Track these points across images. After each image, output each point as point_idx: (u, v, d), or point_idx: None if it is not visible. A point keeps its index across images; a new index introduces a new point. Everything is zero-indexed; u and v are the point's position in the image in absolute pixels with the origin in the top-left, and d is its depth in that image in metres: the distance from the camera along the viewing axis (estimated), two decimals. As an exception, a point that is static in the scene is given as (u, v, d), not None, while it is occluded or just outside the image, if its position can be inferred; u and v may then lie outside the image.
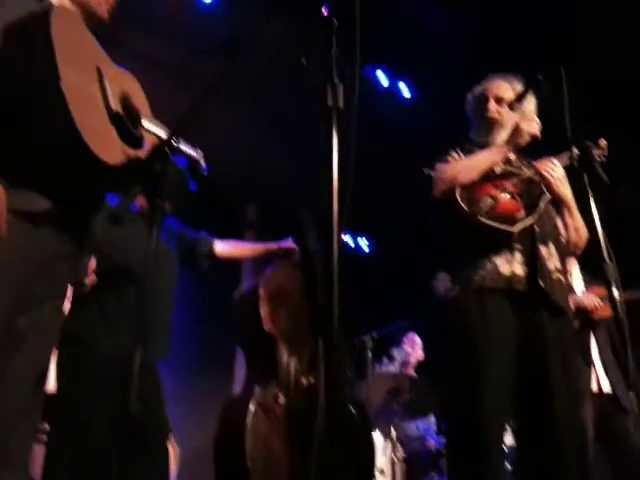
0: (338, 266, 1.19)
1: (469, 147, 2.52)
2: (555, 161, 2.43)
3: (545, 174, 2.39)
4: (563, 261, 2.37)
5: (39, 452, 3.62)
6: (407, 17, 4.10)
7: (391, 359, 5.05)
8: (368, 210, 4.76)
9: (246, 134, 4.83)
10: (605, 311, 3.57)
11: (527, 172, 2.43)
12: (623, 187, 4.22)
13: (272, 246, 3.24)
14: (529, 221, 2.25)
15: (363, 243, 7.09)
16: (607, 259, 1.85)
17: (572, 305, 3.46)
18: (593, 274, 3.76)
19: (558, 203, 2.42)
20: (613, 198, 2.66)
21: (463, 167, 2.35)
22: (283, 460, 2.70)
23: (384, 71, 4.72)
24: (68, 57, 1.34)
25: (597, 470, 3.17)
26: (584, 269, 3.81)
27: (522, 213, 2.27)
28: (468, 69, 2.67)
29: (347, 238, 6.81)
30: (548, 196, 2.37)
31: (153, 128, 1.59)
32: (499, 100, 2.53)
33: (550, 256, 2.30)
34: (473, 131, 2.62)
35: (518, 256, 2.23)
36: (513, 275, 2.19)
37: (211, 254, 3.14)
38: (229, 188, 5.56)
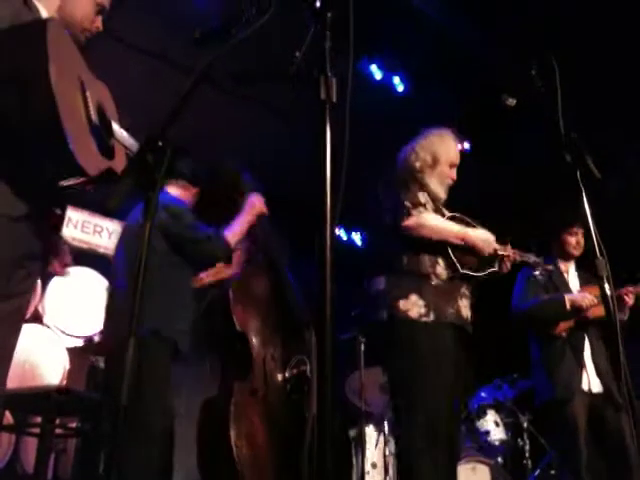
0: (330, 261, 1.18)
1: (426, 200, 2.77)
2: None
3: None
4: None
5: (31, 444, 3.63)
6: (401, 10, 4.08)
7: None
8: (361, 204, 4.74)
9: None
10: (600, 310, 3.54)
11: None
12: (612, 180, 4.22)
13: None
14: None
15: (357, 237, 7.08)
16: (599, 255, 1.86)
17: (568, 304, 3.45)
18: (590, 273, 3.76)
19: None
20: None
21: (431, 231, 2.68)
22: (268, 453, 2.76)
23: (377, 64, 4.70)
24: (58, 65, 1.42)
25: (593, 467, 3.20)
26: (580, 268, 3.80)
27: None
28: (461, 62, 2.65)
29: (340, 232, 6.80)
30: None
31: (123, 137, 1.69)
32: (452, 166, 2.89)
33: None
34: (414, 183, 2.82)
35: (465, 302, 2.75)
36: (467, 317, 2.72)
37: None
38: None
